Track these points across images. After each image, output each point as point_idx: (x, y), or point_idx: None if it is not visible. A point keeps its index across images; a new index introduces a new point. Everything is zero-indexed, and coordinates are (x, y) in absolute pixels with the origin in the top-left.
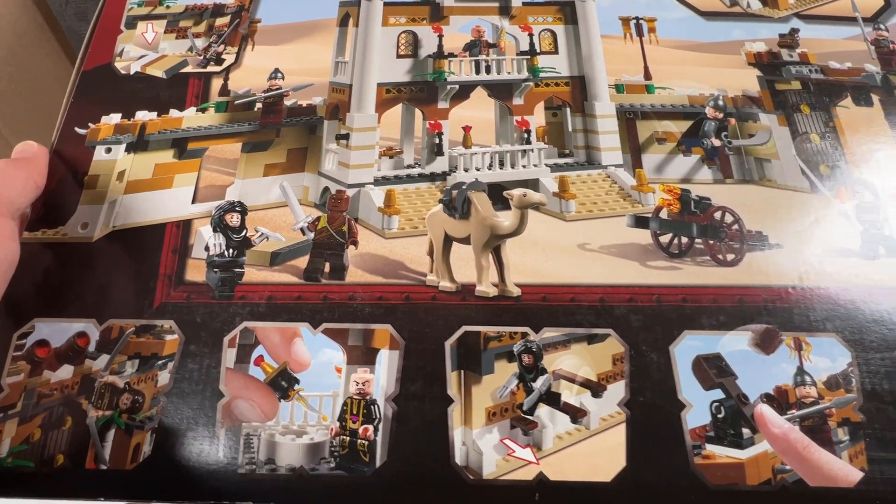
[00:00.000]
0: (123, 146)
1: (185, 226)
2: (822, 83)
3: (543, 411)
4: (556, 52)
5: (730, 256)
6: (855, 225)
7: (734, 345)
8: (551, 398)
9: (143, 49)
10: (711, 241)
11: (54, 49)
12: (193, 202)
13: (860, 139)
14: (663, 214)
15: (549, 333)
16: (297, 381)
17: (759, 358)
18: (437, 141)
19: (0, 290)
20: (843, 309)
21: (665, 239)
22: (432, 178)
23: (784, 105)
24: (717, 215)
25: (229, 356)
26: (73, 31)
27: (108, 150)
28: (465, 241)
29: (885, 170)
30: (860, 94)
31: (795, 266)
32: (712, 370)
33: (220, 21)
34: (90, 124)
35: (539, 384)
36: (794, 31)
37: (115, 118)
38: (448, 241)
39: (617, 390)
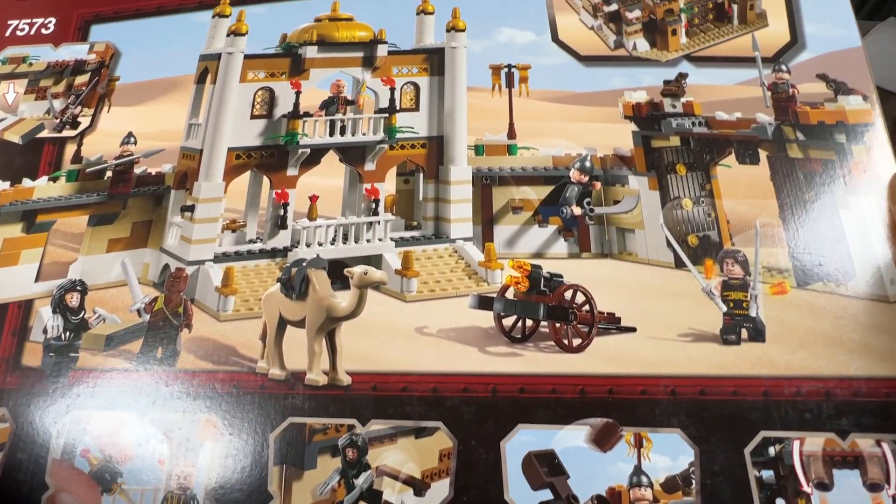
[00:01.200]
0: None
1: (26, 306)
2: (705, 138)
3: None
4: (416, 108)
5: (576, 341)
6: (718, 305)
7: (570, 440)
8: (372, 496)
9: (3, 112)
10: (558, 324)
11: None
12: (37, 280)
13: (738, 204)
14: (510, 294)
15: (376, 426)
16: (121, 475)
17: (594, 455)
18: (281, 213)
19: None
20: (692, 402)
21: (508, 322)
22: (273, 254)
23: (658, 165)
24: (568, 295)
25: (58, 446)
26: None
27: None
28: (300, 324)
29: (761, 240)
30: (746, 150)
31: (646, 353)
32: (543, 468)
33: (79, 79)
34: None
35: (361, 481)
36: (682, 76)
37: None
38: (282, 324)
39: (441, 489)
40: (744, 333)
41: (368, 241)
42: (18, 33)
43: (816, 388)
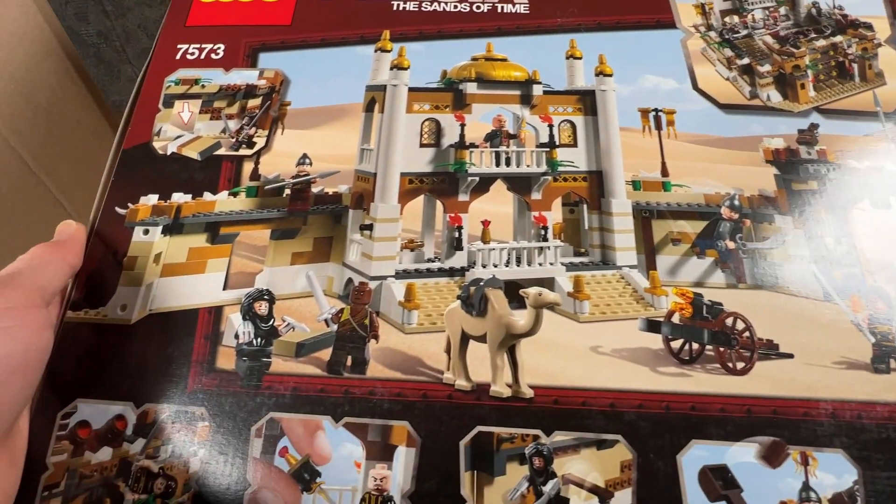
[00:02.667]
0: (160, 228)
1: (216, 312)
2: (839, 184)
3: None
4: (574, 144)
5: (740, 365)
6: (867, 336)
7: (741, 456)
8: (560, 503)
9: (180, 129)
10: (722, 349)
11: (54, 49)
12: (224, 288)
13: (876, 245)
14: (675, 319)
15: (559, 437)
16: (319, 475)
17: (764, 471)
18: (456, 235)
19: (36, 378)
20: (851, 425)
21: (676, 344)
22: (451, 273)
23: (800, 206)
24: (729, 322)
25: (256, 446)
26: (73, 31)
27: (146, 232)
28: (482, 339)
29: None
30: (878, 197)
31: (805, 377)
32: (718, 482)
33: (252, 103)
34: (129, 204)
35: (549, 488)
36: (814, 126)
37: (153, 199)
38: (465, 338)
39: (624, 498)
40: (892, 363)
41: (540, 264)
42: (188, 57)
43: None
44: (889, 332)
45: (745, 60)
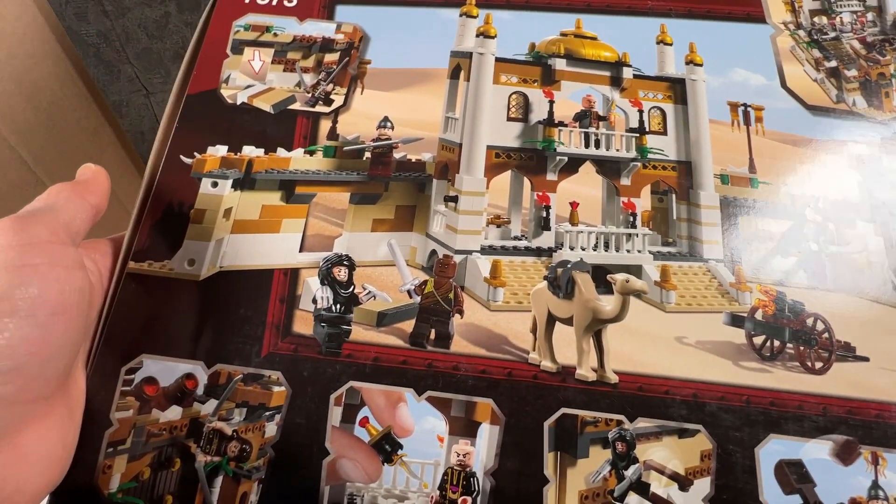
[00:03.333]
0: (230, 182)
1: (292, 274)
2: None
3: (633, 499)
4: (664, 132)
5: (818, 364)
6: None
7: (815, 453)
8: (641, 487)
9: (250, 78)
10: (802, 347)
11: (54, 49)
12: (301, 250)
13: None
14: (758, 315)
15: (642, 424)
16: (401, 447)
17: (837, 468)
18: (544, 215)
19: (84, 323)
20: None
21: (758, 340)
22: (538, 252)
23: (882, 215)
24: (810, 322)
25: (335, 414)
26: (73, 31)
27: (215, 185)
28: (568, 321)
29: None
30: None
31: (879, 381)
32: (793, 476)
33: (328, 57)
34: (196, 154)
35: (630, 473)
36: None
37: (222, 150)
38: (551, 320)
39: (703, 486)
40: None
41: (628, 251)
42: (259, 1)
43: None
44: None
45: (833, 63)
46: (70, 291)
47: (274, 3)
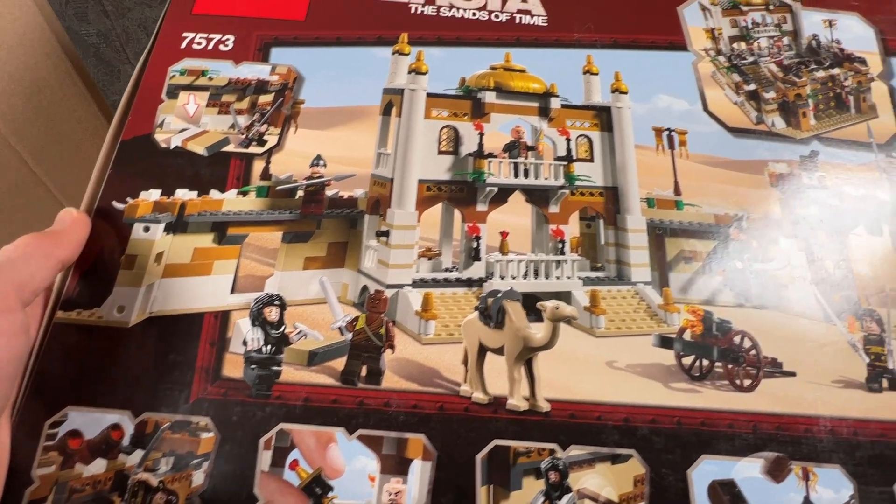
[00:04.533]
0: (162, 226)
1: (223, 317)
2: (838, 210)
3: None
4: (591, 159)
5: (746, 382)
6: (862, 357)
7: (747, 471)
8: None
9: (184, 122)
10: (730, 366)
11: (54, 49)
12: (232, 292)
13: (869, 270)
14: (687, 336)
15: (575, 451)
16: (331, 489)
17: (769, 485)
18: (475, 245)
19: (10, 388)
20: (847, 441)
21: (687, 361)
22: (469, 283)
23: (802, 231)
24: (737, 340)
25: (265, 458)
26: (73, 31)
27: (147, 229)
28: (499, 351)
29: (892, 304)
30: (871, 223)
31: (807, 395)
32: (726, 496)
33: (262, 98)
34: (128, 199)
35: (564, 503)
36: (814, 153)
37: (155, 195)
38: (482, 350)
39: None
40: (884, 383)
41: (557, 278)
42: (195, 46)
43: None
44: (882, 353)
45: (752, 86)
46: (8, 360)
47: (210, 47)
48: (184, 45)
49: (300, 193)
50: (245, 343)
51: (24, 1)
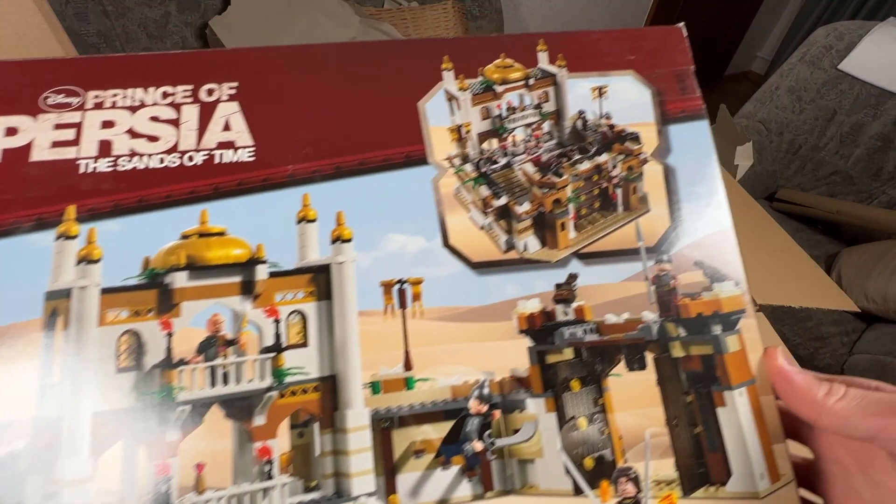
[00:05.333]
0: None
1: None
2: (597, 347)
3: None
4: (305, 343)
5: None
6: None
7: None
8: None
9: None
10: None
11: (54, 49)
12: None
13: (629, 416)
14: None
15: None
16: None
17: None
18: (164, 489)
19: None
20: None
21: None
22: None
23: (553, 383)
24: None
25: None
26: (73, 31)
27: None
28: None
29: (651, 451)
30: (634, 356)
31: None
32: None
33: None
34: None
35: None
36: (572, 277)
37: None
38: None
39: None
40: None
41: None
42: None
43: None
44: None
45: (503, 200)
46: None
47: None
48: None
49: None
50: None
51: (24, 1)
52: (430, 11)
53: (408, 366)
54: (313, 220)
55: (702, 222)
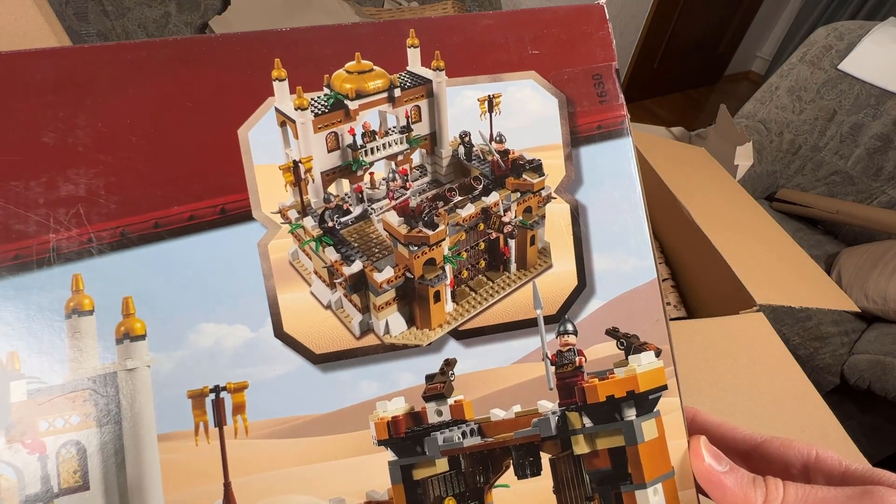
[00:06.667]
0: None
1: None
2: (479, 453)
3: None
4: (84, 485)
5: None
6: None
7: None
8: None
9: None
10: None
11: None
12: None
13: None
14: None
15: None
16: None
17: None
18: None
19: None
20: None
21: None
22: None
23: None
24: None
25: None
26: (73, 31)
27: None
28: None
29: None
30: (526, 459)
31: None
32: None
33: None
34: None
35: None
36: (449, 364)
37: None
38: None
39: None
40: None
41: None
42: None
43: None
44: None
45: (356, 266)
46: None
47: None
48: None
49: None
50: None
51: (24, 1)
52: (430, 11)
53: (229, 503)
54: (89, 313)
55: (617, 277)
